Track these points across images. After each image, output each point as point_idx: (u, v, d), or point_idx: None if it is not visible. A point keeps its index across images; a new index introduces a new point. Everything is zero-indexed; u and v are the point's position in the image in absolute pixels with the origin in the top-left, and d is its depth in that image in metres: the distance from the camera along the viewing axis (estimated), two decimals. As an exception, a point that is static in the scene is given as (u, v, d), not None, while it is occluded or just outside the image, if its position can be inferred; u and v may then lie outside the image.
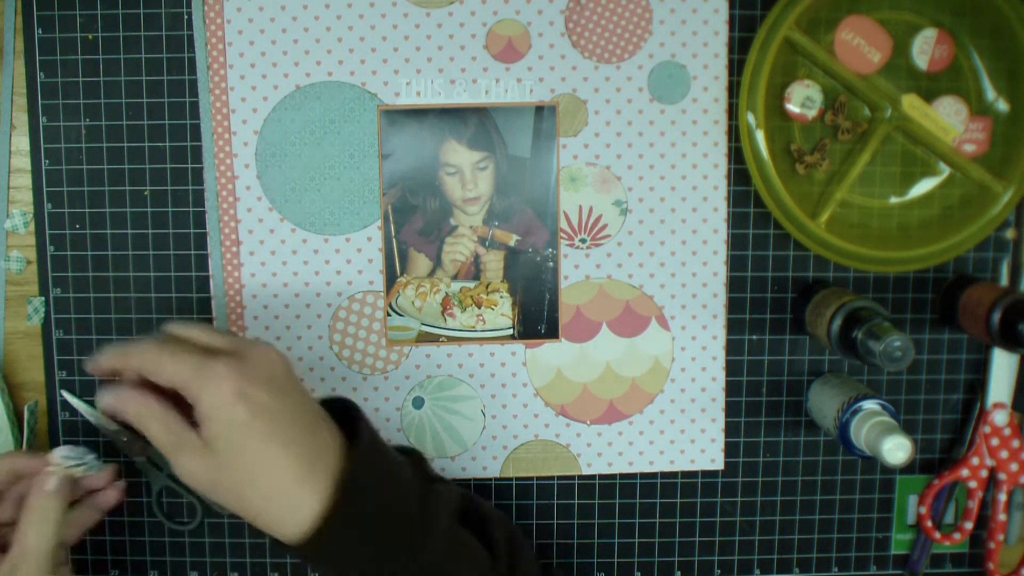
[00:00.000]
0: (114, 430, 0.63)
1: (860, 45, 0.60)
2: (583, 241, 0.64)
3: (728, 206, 0.64)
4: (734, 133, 0.63)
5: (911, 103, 0.61)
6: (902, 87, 0.62)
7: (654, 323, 0.65)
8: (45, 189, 0.63)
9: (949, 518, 0.67)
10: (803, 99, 0.61)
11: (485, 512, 0.57)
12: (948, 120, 0.61)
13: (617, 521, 0.67)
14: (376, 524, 0.48)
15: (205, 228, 0.63)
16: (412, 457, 0.58)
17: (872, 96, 0.61)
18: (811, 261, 0.65)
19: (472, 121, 0.63)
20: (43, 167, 0.63)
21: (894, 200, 0.64)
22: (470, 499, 0.58)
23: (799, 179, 0.63)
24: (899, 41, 0.61)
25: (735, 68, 0.63)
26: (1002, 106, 0.62)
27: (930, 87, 0.62)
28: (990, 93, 0.62)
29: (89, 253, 0.63)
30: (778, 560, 0.68)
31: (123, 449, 0.63)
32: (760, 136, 0.60)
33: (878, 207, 0.64)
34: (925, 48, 0.61)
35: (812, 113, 0.61)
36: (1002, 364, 0.65)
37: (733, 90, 0.63)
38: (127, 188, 0.63)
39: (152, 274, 0.64)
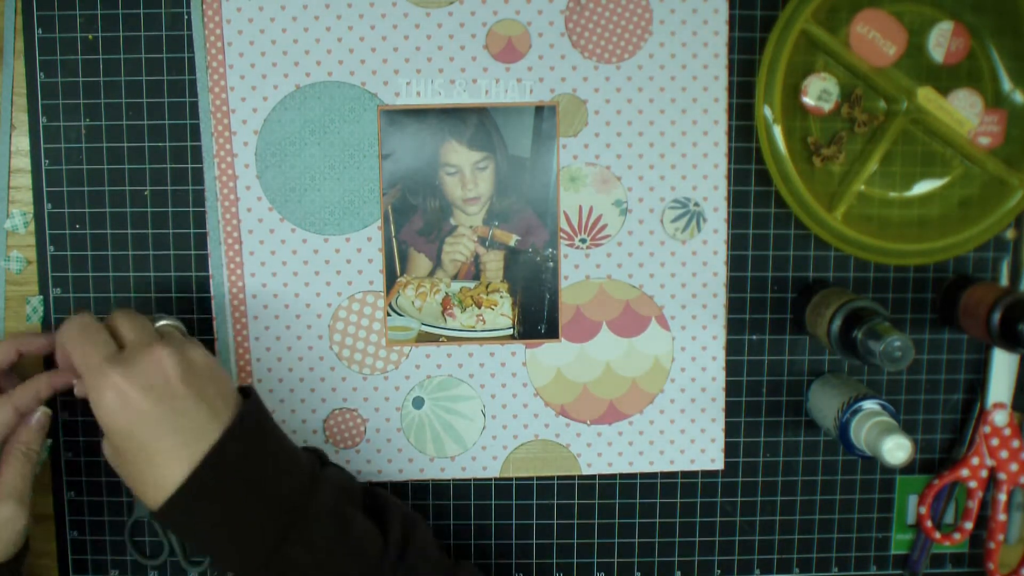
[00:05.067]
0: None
1: (875, 38, 0.60)
2: (583, 241, 0.64)
3: (728, 206, 0.64)
4: (734, 133, 0.63)
5: (926, 96, 0.61)
6: (918, 79, 0.62)
7: (654, 323, 0.65)
8: (45, 189, 0.63)
9: (949, 518, 0.67)
10: (820, 92, 0.61)
11: (383, 502, 0.57)
12: (963, 112, 0.61)
13: (617, 521, 0.67)
14: (241, 501, 0.50)
15: (205, 228, 0.63)
16: (315, 453, 0.59)
17: (888, 89, 0.61)
18: (811, 261, 0.65)
19: (472, 121, 0.63)
20: (43, 167, 0.63)
21: (909, 193, 0.64)
22: (369, 490, 0.58)
23: (812, 174, 0.63)
24: (914, 34, 0.61)
25: (735, 68, 0.63)
26: (1018, 98, 0.62)
27: (946, 80, 0.62)
28: (1006, 84, 0.62)
29: (89, 253, 0.63)
30: (778, 560, 0.68)
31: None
32: (777, 131, 0.60)
33: (893, 199, 0.63)
34: (941, 41, 0.61)
35: (828, 106, 0.61)
36: (1002, 364, 0.65)
37: (733, 90, 0.63)
38: (127, 188, 0.63)
39: (152, 274, 0.64)
